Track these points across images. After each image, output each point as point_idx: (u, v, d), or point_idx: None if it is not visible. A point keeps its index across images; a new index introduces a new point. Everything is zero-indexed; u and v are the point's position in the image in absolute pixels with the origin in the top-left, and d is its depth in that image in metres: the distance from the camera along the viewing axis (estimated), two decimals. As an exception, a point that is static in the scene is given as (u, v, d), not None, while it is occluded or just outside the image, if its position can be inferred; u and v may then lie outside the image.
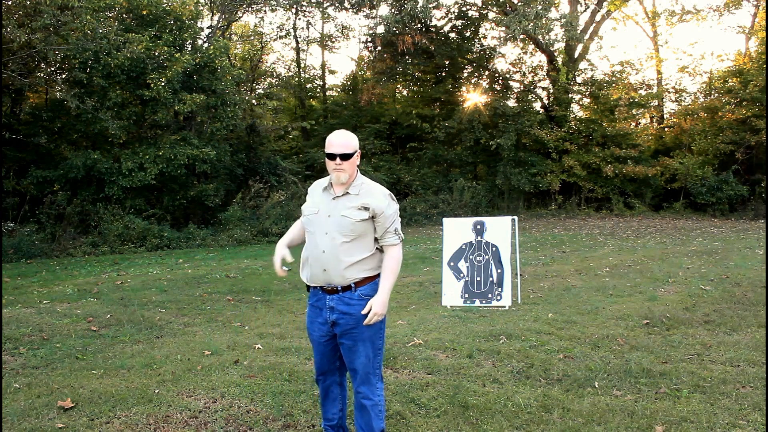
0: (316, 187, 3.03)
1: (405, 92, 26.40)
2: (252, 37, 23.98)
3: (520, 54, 24.38)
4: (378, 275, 2.93)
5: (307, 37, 25.89)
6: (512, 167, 21.03)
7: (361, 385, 2.94)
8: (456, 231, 6.87)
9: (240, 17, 21.34)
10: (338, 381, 3.12)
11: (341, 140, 2.84)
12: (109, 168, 13.58)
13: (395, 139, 23.98)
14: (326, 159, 2.87)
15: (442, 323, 5.71)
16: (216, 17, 18.27)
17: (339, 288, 2.87)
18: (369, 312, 2.82)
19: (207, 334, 5.50)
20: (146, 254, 12.49)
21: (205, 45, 16.00)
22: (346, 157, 2.82)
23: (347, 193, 2.88)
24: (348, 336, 2.90)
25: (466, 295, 6.62)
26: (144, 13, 14.39)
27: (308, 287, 3.02)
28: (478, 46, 23.84)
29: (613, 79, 22.40)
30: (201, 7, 16.87)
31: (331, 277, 2.86)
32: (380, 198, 2.89)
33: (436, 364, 4.39)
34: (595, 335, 5.18)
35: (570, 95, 22.39)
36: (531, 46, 23.62)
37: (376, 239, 2.93)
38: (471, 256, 6.72)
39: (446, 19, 22.73)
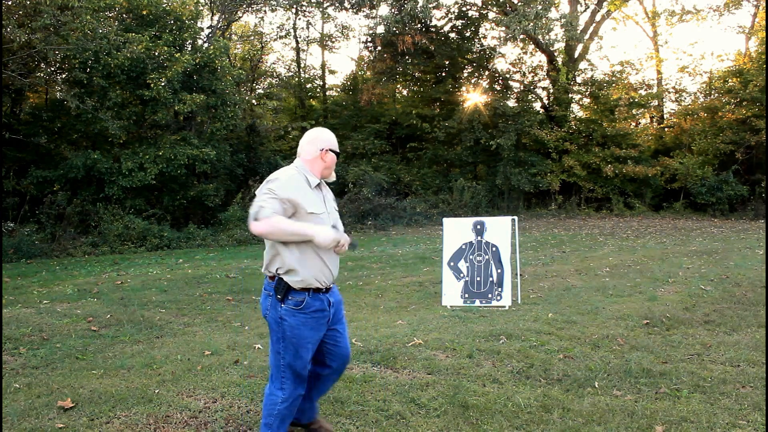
0: (304, 183, 2.80)
1: (405, 92, 26.42)
2: (252, 37, 24.00)
3: (520, 54, 24.42)
4: None
5: (307, 37, 25.93)
6: (512, 167, 21.04)
7: (347, 362, 3.11)
8: (456, 231, 6.87)
9: (240, 17, 21.37)
10: None
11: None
12: (109, 168, 13.58)
13: (395, 139, 24.00)
14: (328, 156, 2.88)
15: (442, 323, 5.71)
16: (216, 17, 18.28)
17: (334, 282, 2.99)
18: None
19: (207, 334, 5.50)
20: (146, 254, 12.49)
21: (205, 45, 16.00)
22: None
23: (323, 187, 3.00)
24: (341, 320, 3.03)
25: (466, 295, 6.62)
26: (144, 13, 14.40)
27: (294, 293, 2.77)
28: (478, 46, 23.86)
29: (613, 79, 22.42)
30: (201, 7, 16.88)
31: (336, 273, 2.93)
32: None
33: (436, 364, 4.39)
34: (595, 335, 5.18)
35: (570, 95, 22.41)
36: (531, 46, 23.64)
37: None
38: (471, 256, 6.72)
39: (446, 19, 22.77)
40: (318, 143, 2.84)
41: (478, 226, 6.78)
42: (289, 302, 2.75)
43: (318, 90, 26.59)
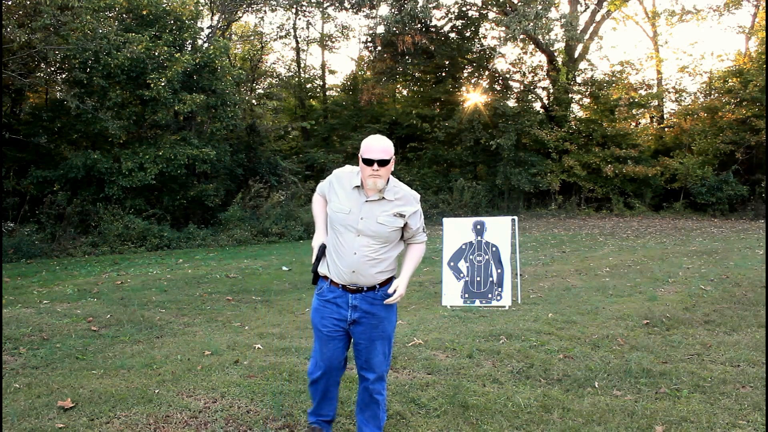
0: (345, 180, 2.89)
1: (405, 92, 26.41)
2: (252, 37, 23.99)
3: (520, 54, 24.40)
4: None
5: (307, 37, 25.92)
6: (512, 167, 21.04)
7: (376, 381, 2.97)
8: (456, 231, 6.87)
9: (240, 17, 21.35)
10: (337, 381, 3.12)
11: (380, 145, 2.76)
12: (109, 168, 13.58)
13: (395, 139, 23.94)
14: (361, 164, 2.79)
15: (442, 323, 5.71)
16: (216, 17, 18.27)
17: (365, 288, 2.86)
18: (393, 294, 2.86)
19: (207, 334, 5.50)
20: (146, 254, 12.49)
21: (205, 45, 15.99)
22: (384, 163, 2.74)
23: (383, 198, 2.82)
24: (368, 335, 2.91)
25: (466, 295, 6.62)
26: (144, 13, 14.39)
27: (320, 279, 2.97)
28: (478, 46, 23.85)
29: (613, 79, 22.41)
30: (201, 7, 16.86)
31: (359, 278, 2.84)
32: (413, 204, 2.89)
33: (436, 364, 4.39)
34: (595, 335, 5.18)
35: (570, 95, 22.40)
36: (531, 46, 23.62)
37: (402, 239, 2.96)
38: (471, 256, 6.72)
39: (446, 19, 22.75)
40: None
41: (478, 226, 6.78)
42: (317, 286, 3.01)
43: (318, 90, 26.58)
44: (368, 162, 2.74)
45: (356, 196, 2.84)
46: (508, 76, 24.04)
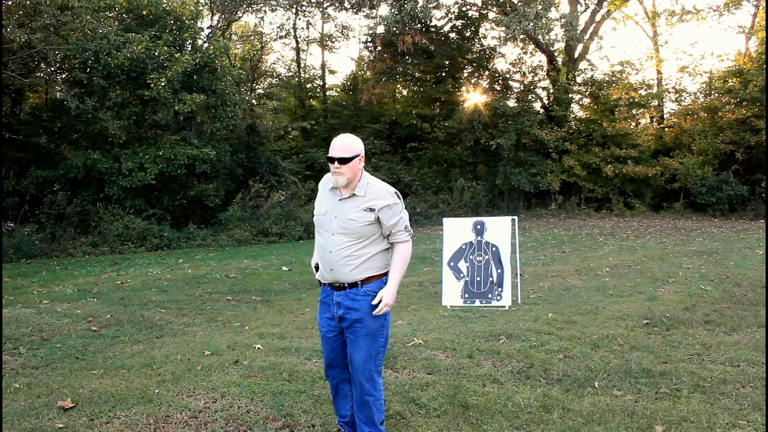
0: (324, 184, 3.05)
1: (405, 92, 26.41)
2: (252, 37, 23.99)
3: (520, 54, 24.40)
4: (385, 273, 2.99)
5: (307, 37, 25.92)
6: (512, 167, 21.04)
7: (363, 381, 2.98)
8: (456, 231, 6.87)
9: (240, 17, 21.36)
10: (347, 378, 3.16)
11: (340, 143, 2.87)
12: (109, 168, 13.58)
13: (395, 139, 23.99)
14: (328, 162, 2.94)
15: (442, 323, 5.71)
16: (216, 17, 18.27)
17: (346, 285, 2.94)
18: (378, 303, 2.89)
19: (207, 334, 5.50)
20: (146, 254, 12.49)
21: (205, 45, 16.00)
22: (344, 161, 2.83)
23: (353, 194, 2.90)
24: (351, 330, 2.96)
25: (466, 295, 6.62)
26: (144, 13, 14.39)
27: (320, 283, 3.12)
28: (478, 46, 23.85)
29: (613, 79, 22.40)
30: (201, 7, 16.86)
31: (337, 276, 2.94)
32: (385, 198, 2.90)
33: (436, 364, 4.39)
34: (595, 335, 5.18)
35: (570, 95, 22.39)
36: (531, 46, 23.62)
37: (384, 236, 2.98)
38: (471, 256, 6.72)
39: (446, 19, 22.75)
40: None
41: (478, 226, 6.78)
42: None
43: (318, 90, 26.58)
44: (330, 160, 2.87)
45: (331, 196, 2.98)
46: (508, 76, 24.05)
